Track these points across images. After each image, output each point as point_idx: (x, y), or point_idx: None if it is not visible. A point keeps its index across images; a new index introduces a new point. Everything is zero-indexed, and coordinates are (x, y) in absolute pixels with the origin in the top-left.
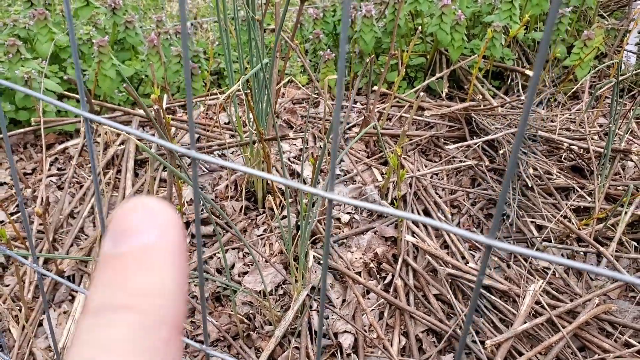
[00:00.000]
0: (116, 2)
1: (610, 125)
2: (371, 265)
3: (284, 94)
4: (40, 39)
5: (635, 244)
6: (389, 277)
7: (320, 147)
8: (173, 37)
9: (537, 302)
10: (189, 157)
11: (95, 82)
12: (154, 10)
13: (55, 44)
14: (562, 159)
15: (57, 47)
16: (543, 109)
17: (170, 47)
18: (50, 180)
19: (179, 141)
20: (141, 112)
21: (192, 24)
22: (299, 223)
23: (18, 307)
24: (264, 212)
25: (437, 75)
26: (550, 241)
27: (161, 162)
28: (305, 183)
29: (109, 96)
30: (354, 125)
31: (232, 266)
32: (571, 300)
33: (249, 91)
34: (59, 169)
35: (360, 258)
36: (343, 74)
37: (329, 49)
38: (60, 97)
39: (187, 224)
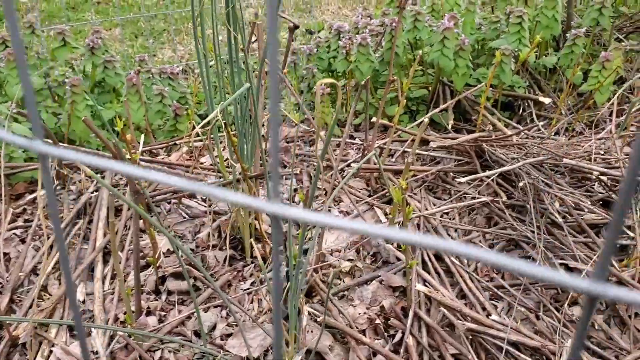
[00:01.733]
0: (94, 41)
1: None
2: (377, 321)
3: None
4: (10, 80)
5: None
6: (398, 335)
7: (319, 187)
8: (156, 77)
9: None
10: (36, 153)
11: (69, 125)
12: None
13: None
14: (590, 190)
15: None
16: (562, 138)
17: (152, 87)
18: (14, 234)
19: (157, 185)
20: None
21: (183, 69)
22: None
23: None
24: (252, 262)
25: (441, 106)
26: None
27: (128, 204)
28: (299, 226)
29: (85, 140)
30: (353, 161)
31: (214, 327)
32: (616, 357)
33: (227, 122)
34: (26, 221)
35: (365, 313)
36: None
37: (323, 85)
38: None
39: (163, 279)
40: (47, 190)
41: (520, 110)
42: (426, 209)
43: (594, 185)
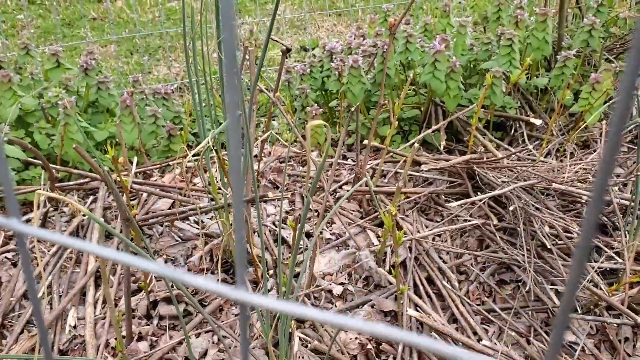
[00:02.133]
0: (88, 62)
1: (638, 173)
2: (369, 346)
3: (270, 152)
4: (3, 102)
5: None
6: None
7: (310, 209)
8: (149, 98)
9: None
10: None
11: (61, 147)
12: (141, 76)
13: (21, 108)
14: (580, 213)
15: (23, 111)
16: (553, 159)
17: (146, 107)
18: (5, 257)
19: (150, 207)
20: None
21: (178, 87)
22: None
23: None
24: None
25: (434, 127)
26: (576, 311)
27: (112, 233)
28: (290, 247)
29: (78, 162)
30: (345, 183)
31: (205, 353)
32: None
33: (217, 147)
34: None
35: (356, 338)
36: None
37: (316, 104)
38: (26, 165)
39: (155, 304)
40: (24, 265)
41: (512, 131)
42: (418, 232)
43: (585, 208)
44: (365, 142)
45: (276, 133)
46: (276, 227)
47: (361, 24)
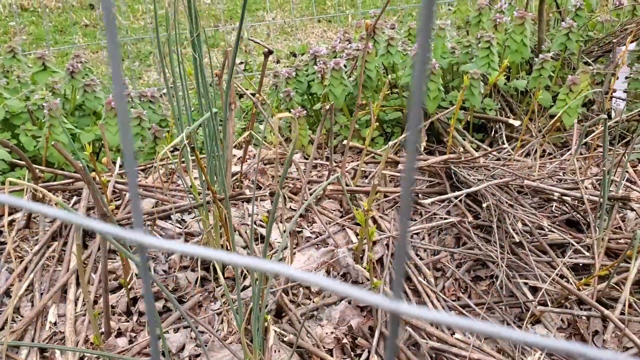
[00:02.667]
0: (74, 66)
1: (604, 168)
2: (344, 340)
3: (255, 154)
4: None
5: None
6: (364, 354)
7: (291, 208)
8: (135, 101)
9: None
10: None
11: (46, 149)
12: (130, 80)
13: (7, 110)
14: (554, 210)
15: (9, 114)
16: (531, 159)
17: (130, 110)
18: None
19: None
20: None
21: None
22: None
23: None
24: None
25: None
26: (547, 304)
27: (91, 228)
28: (272, 248)
29: (64, 163)
30: (327, 183)
31: (182, 348)
32: None
33: (191, 145)
34: (1, 243)
35: (332, 333)
36: None
37: (301, 107)
38: (12, 166)
39: (135, 300)
40: None
41: (493, 132)
42: (396, 230)
43: (558, 205)
44: (351, 142)
45: (263, 137)
46: (256, 225)
47: (349, 30)
